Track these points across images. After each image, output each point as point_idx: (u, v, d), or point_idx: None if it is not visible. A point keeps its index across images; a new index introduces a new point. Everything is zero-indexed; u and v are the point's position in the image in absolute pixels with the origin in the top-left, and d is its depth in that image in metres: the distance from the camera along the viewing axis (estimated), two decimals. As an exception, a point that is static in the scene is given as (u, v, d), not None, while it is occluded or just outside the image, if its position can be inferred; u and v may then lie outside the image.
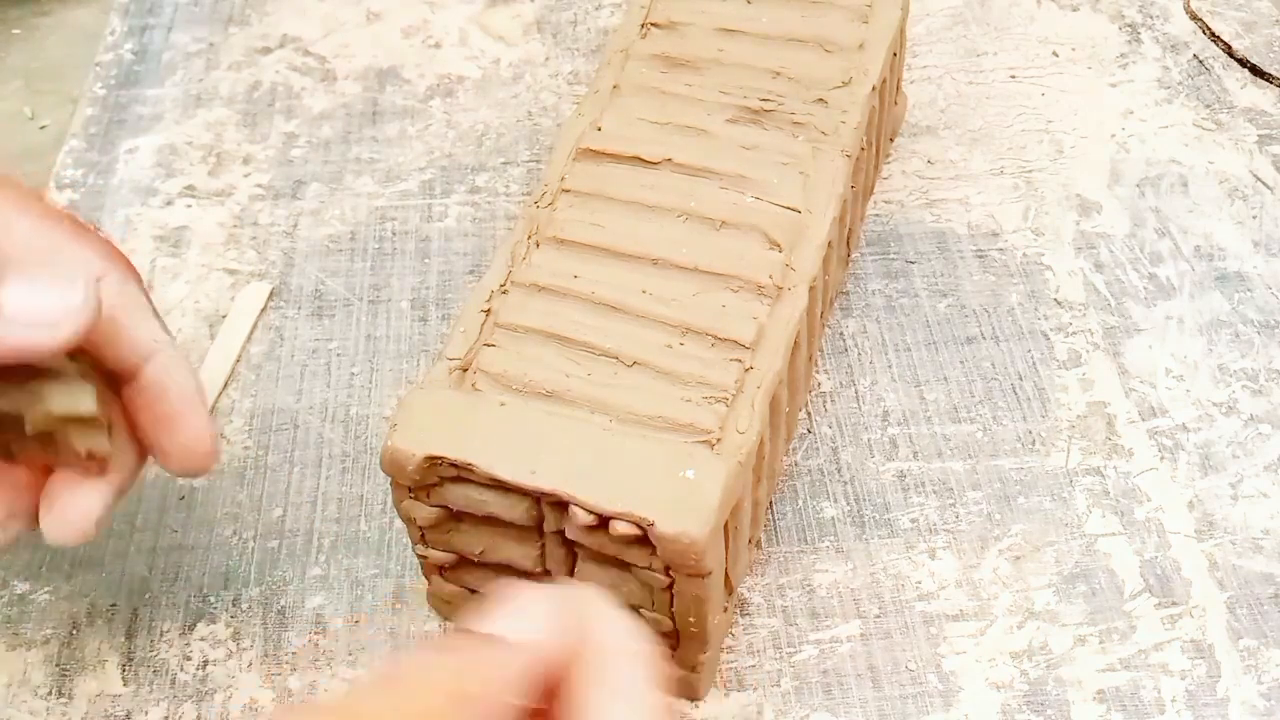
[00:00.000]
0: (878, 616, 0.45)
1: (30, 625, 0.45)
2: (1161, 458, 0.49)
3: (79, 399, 0.37)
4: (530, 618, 0.29)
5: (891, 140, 0.59)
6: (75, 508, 0.38)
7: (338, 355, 0.53)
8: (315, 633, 0.45)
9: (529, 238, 0.44)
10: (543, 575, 0.41)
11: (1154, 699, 0.43)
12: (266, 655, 0.45)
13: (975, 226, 0.57)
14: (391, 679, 0.27)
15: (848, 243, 0.52)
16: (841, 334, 0.53)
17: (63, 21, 0.71)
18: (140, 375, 0.38)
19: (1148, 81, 0.63)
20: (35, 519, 0.39)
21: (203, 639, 0.45)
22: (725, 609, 0.42)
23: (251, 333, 0.54)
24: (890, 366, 0.52)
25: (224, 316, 0.54)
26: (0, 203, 0.37)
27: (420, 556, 0.42)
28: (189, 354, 0.52)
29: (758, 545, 0.47)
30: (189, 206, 0.58)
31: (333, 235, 0.57)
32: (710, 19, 0.50)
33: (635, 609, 0.40)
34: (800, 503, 0.48)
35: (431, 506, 0.40)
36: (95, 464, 0.38)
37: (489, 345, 0.41)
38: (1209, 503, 0.48)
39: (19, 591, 0.46)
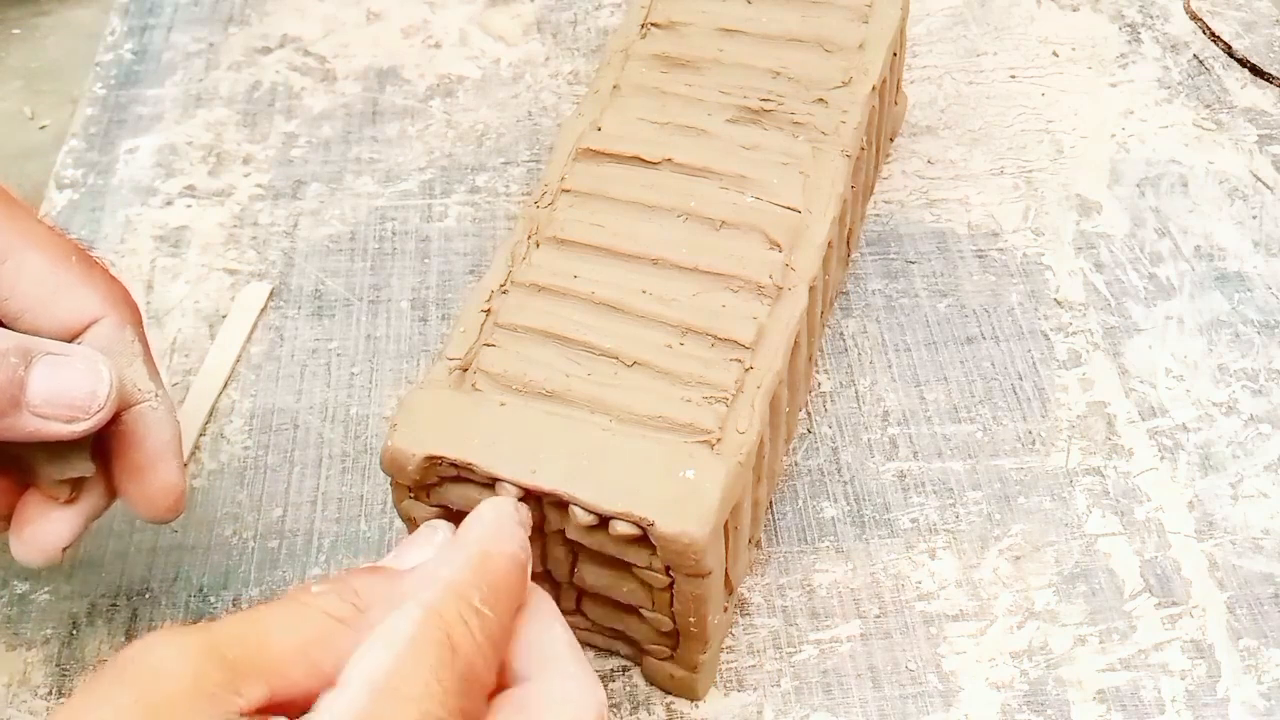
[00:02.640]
0: (878, 616, 0.45)
1: (30, 625, 0.45)
2: (1161, 458, 0.49)
3: (76, 465, 0.38)
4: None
5: (891, 140, 0.59)
6: (44, 532, 0.38)
7: (338, 355, 0.53)
8: (315, 633, 0.45)
9: (529, 238, 0.44)
10: (543, 575, 0.41)
11: (1154, 699, 0.43)
12: (266, 655, 0.45)
13: (975, 226, 0.57)
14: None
15: (848, 243, 0.52)
16: (841, 334, 0.53)
17: (63, 21, 0.71)
18: (119, 421, 0.38)
19: (1148, 81, 0.63)
20: (4, 522, 0.39)
21: (203, 639, 0.45)
22: (725, 609, 0.42)
23: (251, 333, 0.54)
24: (890, 366, 0.52)
25: (224, 316, 0.54)
26: (13, 236, 0.38)
27: (420, 556, 0.42)
28: (190, 354, 0.53)
29: (758, 545, 0.47)
30: (189, 206, 0.58)
31: (333, 235, 0.57)
32: (710, 19, 0.50)
33: (635, 609, 0.40)
34: (800, 503, 0.48)
35: (431, 506, 0.40)
36: (69, 489, 0.38)
37: (489, 345, 0.41)
38: (1209, 503, 0.48)
39: (19, 591, 0.46)
